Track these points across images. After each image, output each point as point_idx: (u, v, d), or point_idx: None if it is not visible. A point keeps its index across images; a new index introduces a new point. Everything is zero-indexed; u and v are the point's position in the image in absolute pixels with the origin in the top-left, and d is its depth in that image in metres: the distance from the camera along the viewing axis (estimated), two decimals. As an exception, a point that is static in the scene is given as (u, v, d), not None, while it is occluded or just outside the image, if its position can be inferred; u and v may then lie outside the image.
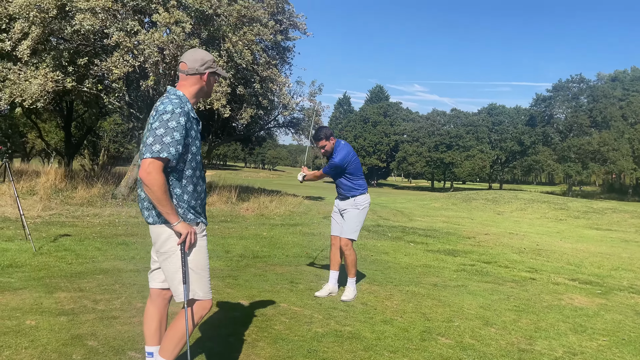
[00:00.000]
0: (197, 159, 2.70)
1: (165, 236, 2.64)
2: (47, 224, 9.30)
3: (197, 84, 2.77)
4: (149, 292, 2.93)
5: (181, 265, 2.62)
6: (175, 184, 2.61)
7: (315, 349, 3.74)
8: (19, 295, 4.51)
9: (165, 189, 2.50)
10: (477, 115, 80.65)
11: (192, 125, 2.65)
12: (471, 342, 4.14)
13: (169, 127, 2.51)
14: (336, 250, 5.45)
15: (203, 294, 2.70)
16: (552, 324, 4.82)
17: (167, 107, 2.56)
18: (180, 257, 2.62)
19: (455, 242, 10.58)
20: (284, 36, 16.32)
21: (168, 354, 2.67)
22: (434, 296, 5.60)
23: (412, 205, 23.29)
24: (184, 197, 2.64)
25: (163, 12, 12.04)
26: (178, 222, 2.58)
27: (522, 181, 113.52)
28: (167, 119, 2.52)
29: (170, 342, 2.67)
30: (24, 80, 12.48)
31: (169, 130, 2.50)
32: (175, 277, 2.65)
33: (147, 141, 2.52)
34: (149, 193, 2.49)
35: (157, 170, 2.47)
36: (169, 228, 2.61)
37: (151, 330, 2.86)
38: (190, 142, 2.61)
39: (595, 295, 6.26)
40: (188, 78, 2.75)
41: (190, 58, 2.74)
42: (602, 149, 60.81)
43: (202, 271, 2.70)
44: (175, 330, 2.67)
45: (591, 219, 19.16)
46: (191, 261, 2.66)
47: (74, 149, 28.40)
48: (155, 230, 2.67)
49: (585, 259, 9.30)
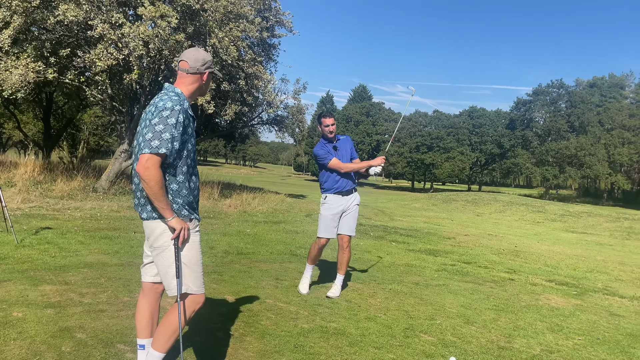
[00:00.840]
0: (192, 155, 2.75)
1: (159, 231, 2.67)
2: (28, 216, 9.19)
3: (196, 82, 2.82)
4: (141, 286, 2.97)
5: (174, 260, 2.67)
6: (171, 179, 2.65)
7: (302, 344, 3.81)
8: (4, 287, 4.48)
9: (162, 184, 2.54)
10: (458, 117, 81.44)
11: (189, 122, 2.70)
12: (453, 340, 4.25)
13: (168, 123, 2.55)
14: (321, 250, 5.40)
15: (196, 289, 2.75)
16: (530, 323, 4.96)
17: (166, 104, 2.60)
18: (173, 252, 2.66)
19: (436, 242, 10.74)
20: (270, 33, 16.34)
21: (161, 346, 2.71)
22: (416, 294, 5.71)
23: (393, 205, 23.50)
24: (179, 193, 2.68)
25: (149, 6, 11.95)
26: (172, 218, 2.62)
27: (501, 183, 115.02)
28: (166, 116, 2.56)
29: (163, 335, 2.71)
30: (4, 70, 12.27)
31: (168, 127, 2.54)
32: (169, 271, 2.69)
33: (146, 136, 2.56)
34: (146, 188, 2.53)
35: (154, 165, 2.51)
36: (163, 223, 2.66)
37: (143, 323, 2.89)
38: (187, 139, 2.66)
39: (571, 296, 6.45)
40: (188, 76, 2.79)
41: (192, 57, 2.78)
42: (579, 154, 61.97)
43: (195, 266, 2.75)
44: (168, 323, 2.71)
45: (567, 222, 19.59)
46: (184, 256, 2.70)
47: (53, 141, 27.95)
48: (149, 225, 2.71)
49: (562, 261, 9.53)
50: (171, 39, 12.31)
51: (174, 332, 2.71)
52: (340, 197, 5.22)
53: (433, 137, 77.65)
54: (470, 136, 78.26)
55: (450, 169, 75.83)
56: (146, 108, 2.73)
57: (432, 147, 77.08)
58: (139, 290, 4.78)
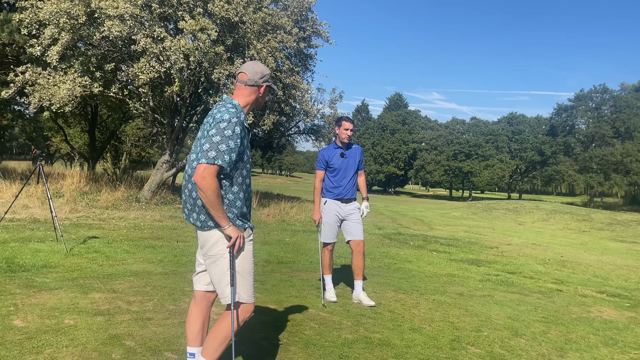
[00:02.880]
0: (247, 167, 2.78)
1: (213, 240, 2.70)
2: (75, 225, 9.48)
3: (254, 94, 2.86)
4: (193, 294, 3.00)
5: (229, 268, 2.69)
6: (227, 189, 2.69)
7: (346, 354, 3.77)
8: (56, 295, 4.61)
9: (218, 194, 2.58)
10: (496, 124, 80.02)
11: (245, 134, 2.74)
12: (501, 352, 4.13)
13: (225, 135, 2.59)
14: (332, 255, 5.53)
15: (247, 297, 2.75)
16: (582, 336, 4.77)
17: (224, 116, 2.64)
18: (228, 260, 2.68)
19: (478, 252, 10.51)
20: (306, 43, 16.45)
21: (210, 354, 2.73)
22: (460, 305, 5.58)
23: (431, 214, 23.18)
24: (234, 203, 2.71)
25: (189, 20, 12.24)
26: (229, 226, 2.65)
27: (542, 191, 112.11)
28: (223, 127, 2.60)
29: (213, 343, 2.72)
30: (52, 85, 12.77)
31: (225, 139, 2.59)
32: (223, 279, 2.71)
33: (204, 147, 2.61)
34: (203, 197, 2.57)
35: (211, 175, 2.55)
36: (219, 231, 2.68)
37: (194, 332, 2.92)
38: (242, 151, 2.69)
39: (624, 309, 6.18)
40: (246, 88, 2.84)
41: (251, 70, 2.84)
42: (625, 160, 59.83)
43: (248, 275, 2.77)
44: (219, 331, 2.73)
45: (615, 231, 18.86)
46: (238, 265, 2.72)
47: (98, 153, 28.88)
48: (204, 234, 2.74)
49: (612, 272, 9.17)
50: (210, 52, 12.55)
51: (224, 341, 2.72)
52: (340, 203, 5.36)
53: (471, 145, 76.50)
54: (510, 143, 76.71)
55: (489, 176, 74.46)
56: (205, 119, 2.78)
57: (470, 155, 75.91)
58: (183, 298, 4.87)
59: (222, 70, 12.84)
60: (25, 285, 4.96)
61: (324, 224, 5.39)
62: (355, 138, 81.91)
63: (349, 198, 5.40)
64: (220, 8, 12.39)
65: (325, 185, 5.44)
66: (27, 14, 12.33)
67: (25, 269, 5.74)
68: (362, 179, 5.68)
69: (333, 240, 5.43)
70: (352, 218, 5.39)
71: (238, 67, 13.01)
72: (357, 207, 5.46)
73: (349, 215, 5.39)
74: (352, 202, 5.43)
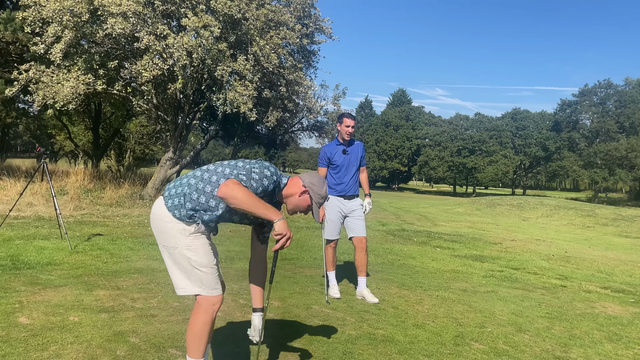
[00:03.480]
0: None
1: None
2: (80, 223, 9.52)
3: (299, 198, 2.90)
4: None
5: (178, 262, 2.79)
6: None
7: (350, 351, 3.78)
8: (60, 292, 4.64)
9: (249, 194, 2.61)
10: (500, 119, 79.74)
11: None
12: (505, 348, 4.13)
13: (262, 176, 2.75)
14: (335, 252, 5.55)
15: (208, 290, 2.77)
16: (586, 332, 4.77)
17: (271, 169, 2.82)
18: (179, 253, 2.76)
19: (481, 248, 10.50)
20: (309, 40, 16.43)
21: (193, 352, 2.74)
22: (464, 301, 5.58)
23: (435, 210, 23.16)
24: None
25: (192, 17, 12.24)
26: (279, 219, 2.63)
27: (546, 187, 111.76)
28: (265, 175, 2.77)
29: (191, 340, 2.74)
30: (56, 82, 12.80)
31: (260, 179, 2.75)
32: (172, 271, 2.84)
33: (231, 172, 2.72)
34: (238, 204, 2.57)
35: (234, 182, 2.61)
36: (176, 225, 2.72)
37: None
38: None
39: (629, 304, 6.16)
40: (301, 192, 2.89)
41: (316, 191, 2.90)
42: (630, 155, 59.59)
43: (204, 268, 2.75)
44: (191, 328, 2.75)
45: (620, 227, 18.79)
46: (190, 259, 2.75)
47: (102, 150, 28.94)
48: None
49: (616, 267, 9.15)
50: (213, 49, 12.55)
51: (199, 335, 2.73)
52: (343, 199, 5.37)
53: (475, 141, 76.26)
54: (514, 139, 76.44)
55: (493, 172, 74.23)
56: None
57: (474, 151, 75.69)
58: (187, 296, 4.87)
59: (225, 67, 12.83)
60: (30, 282, 4.99)
61: (327, 220, 5.39)
62: (359, 134, 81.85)
63: (351, 195, 5.42)
64: (223, 5, 12.37)
65: (328, 182, 5.45)
66: (30, 12, 12.35)
67: (30, 266, 5.76)
68: (364, 176, 5.68)
69: (336, 237, 5.44)
70: (354, 215, 5.40)
71: (241, 64, 13.01)
72: (360, 203, 5.47)
73: (351, 211, 5.40)
74: (355, 199, 5.44)
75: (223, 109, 13.61)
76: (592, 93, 69.09)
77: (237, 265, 6.71)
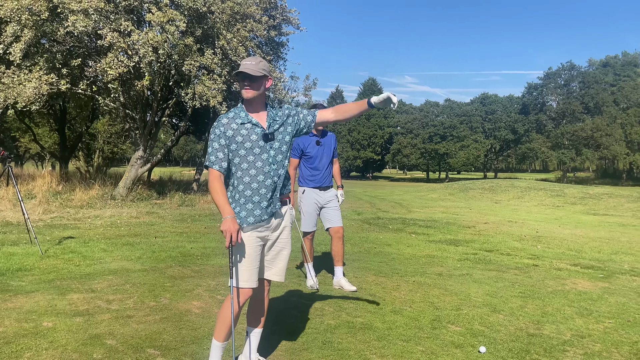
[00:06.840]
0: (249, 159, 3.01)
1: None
2: (50, 226, 9.31)
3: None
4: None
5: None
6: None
7: (329, 340, 3.81)
8: (32, 298, 4.54)
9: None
10: (470, 105, 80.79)
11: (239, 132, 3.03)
12: (481, 329, 4.22)
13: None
14: (312, 244, 5.60)
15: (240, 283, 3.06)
16: (558, 309, 4.90)
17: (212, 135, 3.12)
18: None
19: (455, 232, 10.67)
20: (277, 31, 16.34)
21: (215, 334, 3.08)
22: (440, 285, 5.67)
23: (409, 197, 23.39)
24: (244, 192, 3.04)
25: (156, 12, 12.02)
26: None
27: (517, 169, 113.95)
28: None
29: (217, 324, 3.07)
30: (17, 83, 12.44)
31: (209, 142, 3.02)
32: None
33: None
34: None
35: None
36: None
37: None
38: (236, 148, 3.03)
39: (598, 279, 6.35)
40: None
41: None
42: (595, 135, 61.17)
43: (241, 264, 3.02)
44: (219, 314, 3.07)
45: (588, 205, 19.32)
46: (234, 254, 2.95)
47: (69, 152, 28.29)
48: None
49: (585, 244, 9.40)
50: (180, 44, 12.36)
51: (222, 320, 3.02)
52: (318, 191, 5.41)
53: (446, 127, 77.14)
54: (484, 123, 77.63)
55: (465, 157, 75.32)
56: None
57: (446, 137, 76.60)
58: (164, 294, 4.83)
59: (193, 62, 12.66)
60: (0, 289, 4.86)
61: (304, 213, 5.42)
62: (331, 125, 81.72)
63: (326, 185, 5.45)
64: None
65: (303, 174, 5.46)
66: (-14, 11, 11.94)
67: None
68: (337, 167, 5.71)
69: (313, 228, 5.47)
70: (330, 205, 5.43)
71: (208, 58, 12.84)
72: (334, 194, 5.49)
73: (327, 202, 5.43)
74: (330, 189, 5.47)
75: (192, 104, 13.44)
76: (556, 75, 70.58)
77: (214, 262, 6.67)
